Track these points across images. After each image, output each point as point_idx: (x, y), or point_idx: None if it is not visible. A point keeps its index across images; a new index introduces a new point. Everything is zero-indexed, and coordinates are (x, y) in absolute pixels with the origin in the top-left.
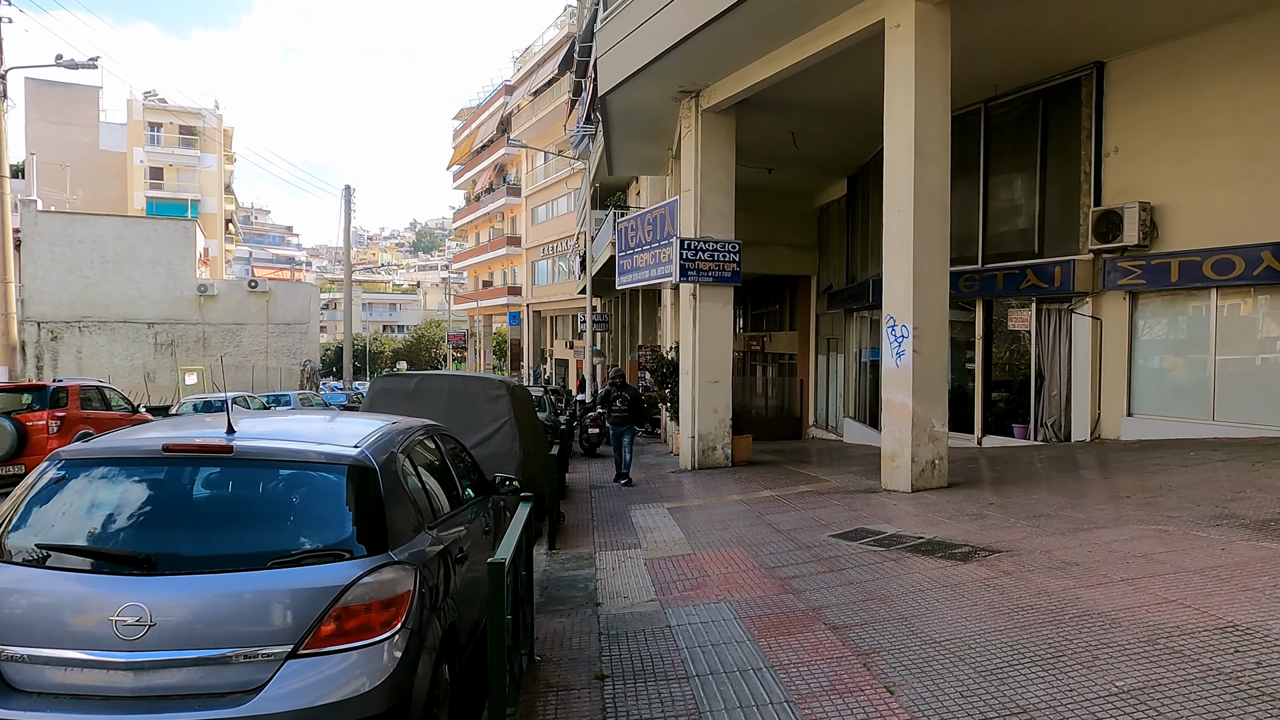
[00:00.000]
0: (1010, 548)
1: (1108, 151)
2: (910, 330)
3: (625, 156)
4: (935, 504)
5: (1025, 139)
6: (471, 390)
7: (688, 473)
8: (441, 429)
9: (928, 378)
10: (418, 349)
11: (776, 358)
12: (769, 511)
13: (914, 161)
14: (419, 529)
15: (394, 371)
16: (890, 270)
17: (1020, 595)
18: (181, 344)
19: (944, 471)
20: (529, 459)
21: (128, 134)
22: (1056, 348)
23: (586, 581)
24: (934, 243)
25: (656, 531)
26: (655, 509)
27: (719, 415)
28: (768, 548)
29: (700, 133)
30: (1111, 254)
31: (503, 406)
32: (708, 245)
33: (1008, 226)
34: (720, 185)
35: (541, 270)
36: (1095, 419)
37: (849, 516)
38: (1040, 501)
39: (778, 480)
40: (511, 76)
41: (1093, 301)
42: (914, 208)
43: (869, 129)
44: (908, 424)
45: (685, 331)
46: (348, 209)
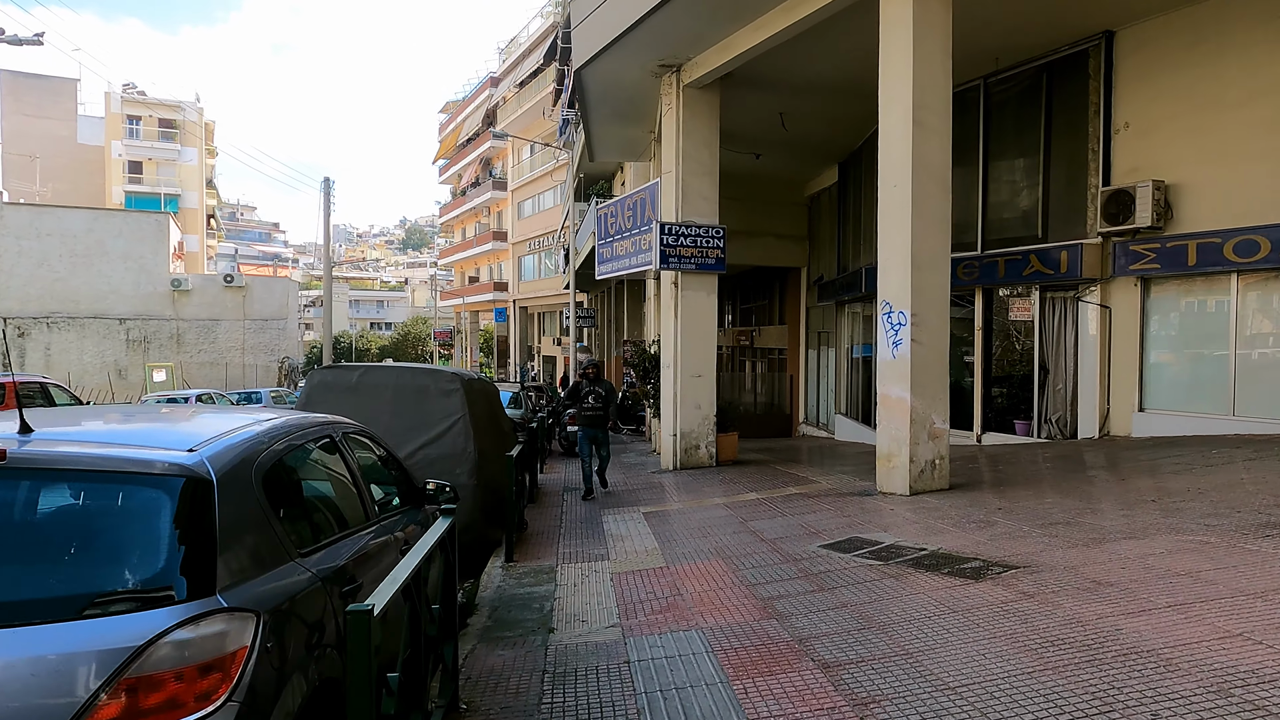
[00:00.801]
0: (1028, 562)
1: (1118, 127)
2: (908, 317)
3: (605, 140)
4: (936, 509)
5: (1028, 116)
6: (420, 384)
7: (669, 473)
8: (352, 428)
9: (927, 369)
10: (404, 346)
11: (766, 352)
12: (754, 517)
13: (912, 132)
14: (280, 559)
15: (335, 363)
16: (886, 252)
17: (1048, 625)
18: (154, 340)
19: (945, 473)
20: (486, 461)
21: (105, 127)
22: (1061, 339)
23: (543, 601)
24: (934, 222)
25: (629, 540)
26: (630, 514)
27: (702, 411)
28: (750, 560)
29: (682, 110)
30: (1122, 237)
31: (455, 402)
32: (690, 230)
33: (1009, 210)
34: (703, 166)
35: (528, 265)
36: (1104, 415)
37: (841, 523)
38: (1053, 506)
39: (765, 481)
40: (497, 69)
41: (1101, 288)
42: (912, 183)
43: (862, 110)
44: (905, 420)
45: (666, 323)
46: (326, 202)
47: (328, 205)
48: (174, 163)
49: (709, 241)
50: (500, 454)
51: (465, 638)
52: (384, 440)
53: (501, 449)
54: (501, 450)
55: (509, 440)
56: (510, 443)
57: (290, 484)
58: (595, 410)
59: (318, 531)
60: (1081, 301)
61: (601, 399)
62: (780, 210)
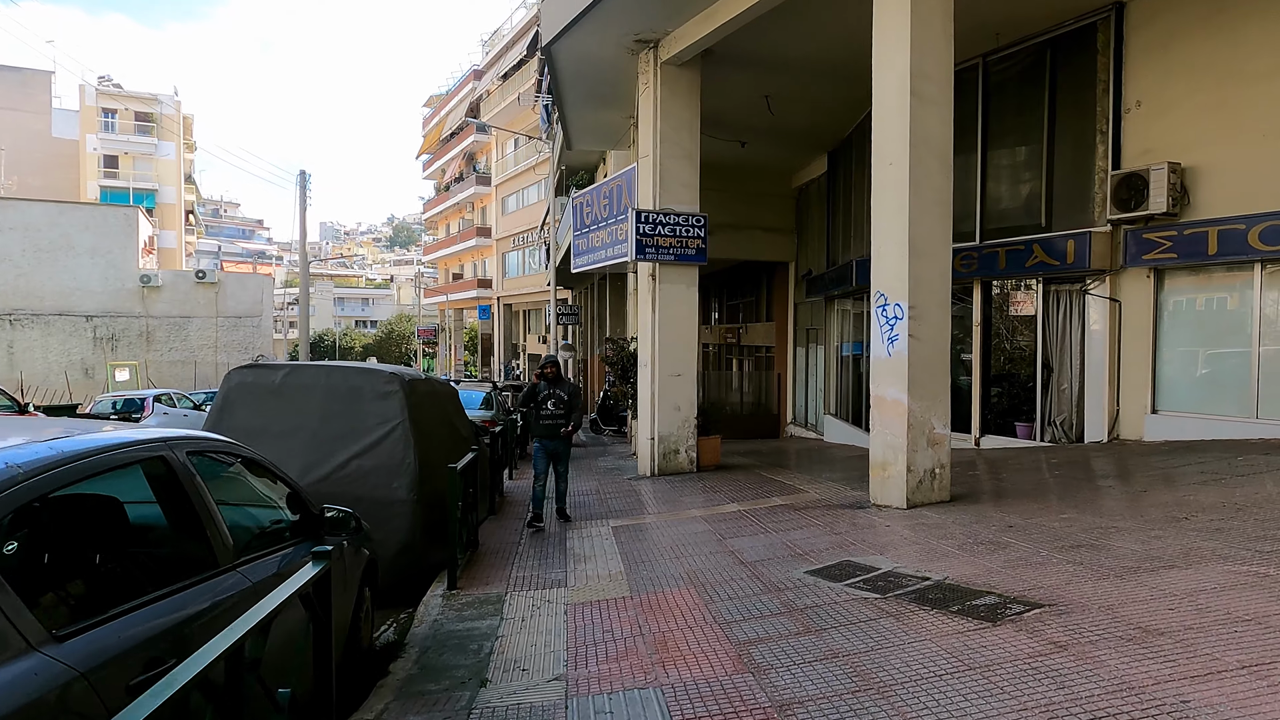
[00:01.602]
0: (1053, 598)
1: (1128, 106)
2: (905, 310)
3: (582, 127)
4: (938, 525)
5: (1030, 96)
6: (353, 385)
7: (646, 479)
8: (206, 444)
9: (927, 368)
10: (387, 344)
11: (752, 350)
12: (734, 533)
13: (910, 103)
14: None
15: (257, 361)
16: (881, 238)
17: (1092, 691)
18: (123, 338)
19: (946, 483)
20: (431, 472)
21: (80, 121)
22: (1067, 335)
23: (483, 640)
24: (934, 203)
25: (592, 561)
26: (598, 528)
27: (682, 414)
28: (727, 589)
29: (659, 89)
30: (1134, 225)
31: (393, 406)
32: (668, 218)
33: (1010, 197)
34: (683, 149)
35: (512, 262)
36: (1113, 417)
37: (831, 542)
38: (1072, 524)
39: (748, 490)
40: (481, 61)
41: (1110, 280)
42: (910, 160)
43: (852, 93)
44: (902, 425)
45: (643, 318)
46: (303, 196)
47: (304, 199)
48: (151, 157)
49: (689, 231)
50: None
51: (380, 692)
52: (265, 457)
53: (456, 458)
54: (457, 460)
55: (467, 448)
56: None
57: (53, 533)
58: (554, 418)
59: (105, 597)
60: (1089, 295)
61: (562, 404)
62: (767, 202)
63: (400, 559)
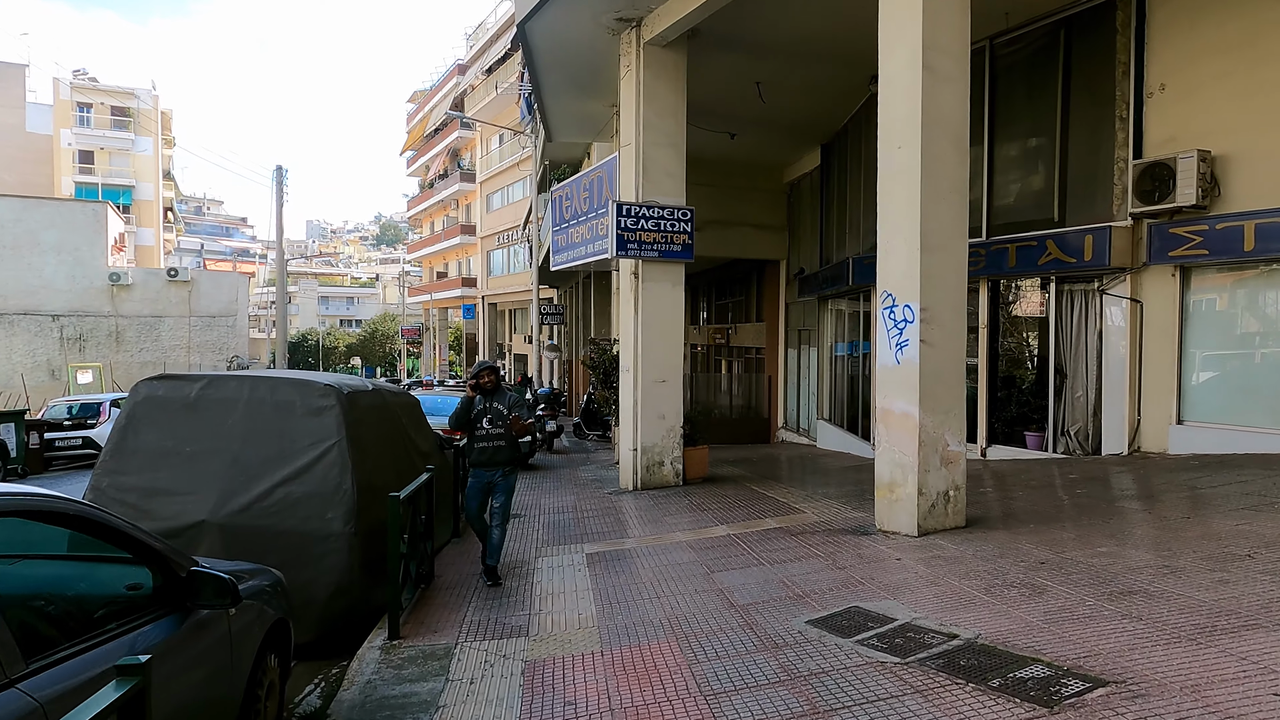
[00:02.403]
0: (1117, 670)
1: (1151, 90)
2: (916, 312)
3: (562, 116)
4: (957, 559)
5: (1042, 80)
6: (282, 399)
7: (629, 494)
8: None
9: (940, 377)
10: (371, 344)
11: (742, 352)
12: (723, 564)
13: (921, 78)
14: None
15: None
16: (888, 231)
17: None
18: (91, 338)
19: (961, 507)
20: (374, 500)
21: (54, 115)
22: (1082, 338)
23: (419, 713)
24: (948, 191)
25: (561, 600)
26: (571, 556)
27: (667, 423)
28: (715, 642)
29: (642, 72)
30: (1158, 218)
31: (329, 423)
32: (652, 211)
33: (1020, 190)
34: (668, 137)
35: (497, 260)
36: (1133, 427)
37: (834, 580)
38: (1113, 560)
39: (739, 508)
40: (465, 55)
41: (1131, 279)
42: (922, 143)
43: (847, 80)
44: (913, 441)
45: (625, 319)
46: (279, 191)
47: (280, 194)
48: (128, 153)
49: (674, 225)
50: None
51: None
52: (110, 515)
53: (412, 479)
54: (409, 483)
55: (423, 467)
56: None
57: None
58: (491, 440)
59: None
60: (1107, 295)
61: (501, 421)
62: (758, 197)
63: (335, 603)
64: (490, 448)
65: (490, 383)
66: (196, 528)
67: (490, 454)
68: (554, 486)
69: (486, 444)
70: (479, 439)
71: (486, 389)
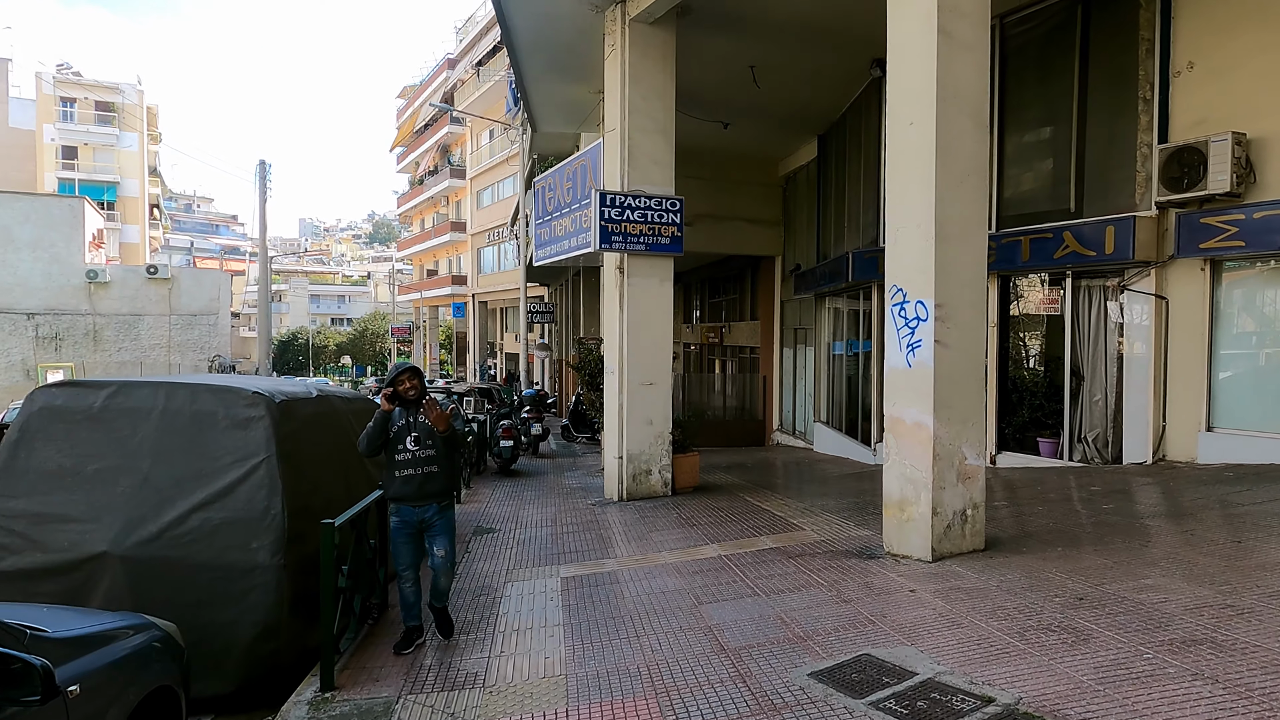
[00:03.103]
0: None
1: (1179, 69)
2: (930, 309)
3: (546, 104)
4: (980, 592)
5: (1057, 61)
6: (201, 410)
7: (613, 505)
8: None
9: (956, 382)
10: (361, 342)
11: (736, 351)
12: (713, 593)
13: (936, 43)
14: None
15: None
16: (898, 218)
17: None
18: (68, 337)
19: (979, 527)
20: (311, 526)
21: (37, 110)
22: (1101, 337)
23: None
24: (967, 173)
25: (527, 639)
26: (544, 581)
27: (655, 429)
28: (700, 701)
29: (628, 51)
30: (1187, 207)
31: (256, 437)
32: (638, 201)
33: (1033, 179)
34: (655, 122)
35: (487, 257)
36: (1158, 434)
37: (840, 617)
38: (1165, 596)
39: (731, 523)
40: (454, 49)
41: (1156, 274)
42: (937, 118)
43: (846, 66)
44: (926, 455)
45: (610, 318)
46: (262, 187)
47: (264, 190)
48: (112, 148)
49: (662, 216)
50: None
51: None
52: None
53: (361, 498)
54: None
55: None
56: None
57: None
58: (419, 465)
59: None
60: (1129, 291)
61: (431, 440)
62: (752, 191)
63: (260, 647)
64: (419, 476)
65: (413, 390)
66: (95, 561)
67: (419, 484)
68: (535, 495)
69: (413, 471)
70: (401, 465)
71: (409, 397)
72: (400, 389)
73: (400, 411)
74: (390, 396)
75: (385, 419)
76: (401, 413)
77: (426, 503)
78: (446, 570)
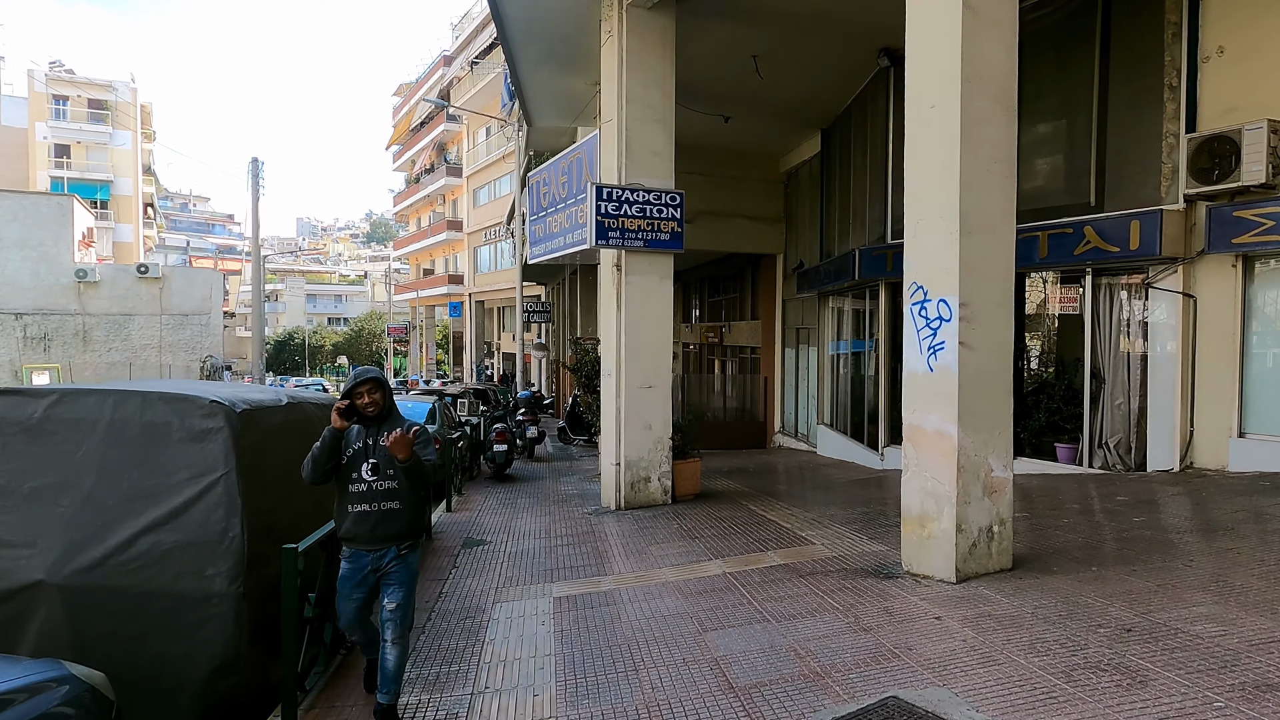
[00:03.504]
0: None
1: (1207, 53)
2: (954, 308)
3: (540, 96)
4: (1014, 620)
5: (1075, 47)
6: (154, 419)
7: (610, 515)
8: None
9: (983, 388)
10: (358, 342)
11: (736, 351)
12: (718, 618)
13: (962, 18)
14: None
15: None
16: (918, 210)
17: None
18: (57, 337)
19: (1007, 544)
20: (275, 548)
21: (29, 108)
22: (1123, 338)
23: None
24: (994, 160)
25: (514, 672)
26: (536, 601)
27: (654, 434)
28: None
29: (625, 37)
30: (1217, 200)
31: (213, 451)
32: (637, 195)
33: (1049, 172)
34: (654, 112)
35: (484, 256)
36: (1185, 440)
37: (860, 650)
38: (1223, 626)
39: (735, 535)
40: (450, 46)
41: (1183, 270)
42: (962, 100)
43: (851, 56)
44: (950, 467)
45: (607, 317)
46: (255, 184)
47: (256, 187)
48: (105, 146)
49: (662, 211)
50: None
51: None
52: None
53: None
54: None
55: None
56: None
57: None
58: (377, 499)
59: None
60: (1154, 288)
61: (392, 471)
62: (753, 188)
63: (217, 684)
64: (375, 513)
65: (374, 405)
66: (29, 591)
67: (375, 523)
68: (530, 503)
69: (368, 506)
70: (354, 498)
71: (368, 412)
72: (358, 402)
73: (359, 431)
74: (345, 411)
75: (336, 439)
76: (360, 433)
77: (383, 546)
78: (398, 633)
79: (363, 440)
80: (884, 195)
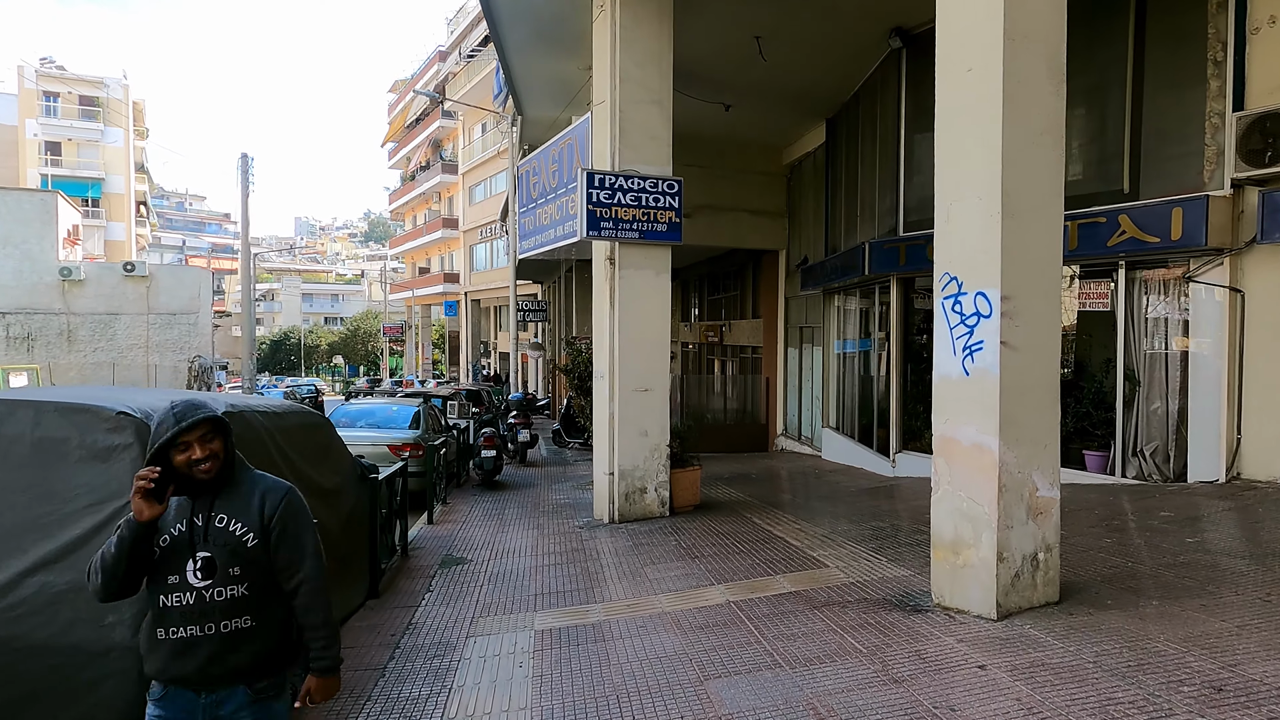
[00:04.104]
0: None
1: (1256, 25)
2: (994, 303)
3: (531, 82)
4: (1073, 672)
5: (1107, 24)
6: (47, 436)
7: (603, 528)
8: None
9: (1026, 395)
10: (353, 342)
11: (737, 351)
12: (721, 663)
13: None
14: None
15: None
16: (952, 188)
17: None
18: (41, 337)
19: (1054, 574)
20: None
21: (19, 104)
22: (1161, 336)
23: None
24: (1041, 131)
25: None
26: (515, 635)
27: (650, 440)
28: None
29: (619, 11)
30: (1269, 185)
31: (119, 471)
32: (631, 183)
33: (1077, 157)
34: (650, 92)
35: (480, 255)
36: (1232, 448)
37: (890, 708)
38: None
39: (739, 554)
40: (445, 42)
41: (1230, 262)
42: (1004, 61)
43: (860, 36)
44: (990, 485)
45: (600, 315)
46: (244, 180)
47: (245, 184)
48: (97, 144)
49: (658, 199)
50: None
51: None
52: None
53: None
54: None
55: (338, 508)
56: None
57: None
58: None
59: None
60: (1195, 283)
61: (238, 567)
62: (754, 180)
63: None
64: (207, 637)
65: (210, 463)
66: None
67: (211, 654)
68: (518, 514)
69: (200, 630)
70: (170, 614)
71: (200, 478)
72: (181, 459)
73: (179, 506)
74: (158, 482)
75: (139, 534)
76: (182, 509)
77: (222, 687)
78: None
79: (186, 519)
80: (895, 186)
